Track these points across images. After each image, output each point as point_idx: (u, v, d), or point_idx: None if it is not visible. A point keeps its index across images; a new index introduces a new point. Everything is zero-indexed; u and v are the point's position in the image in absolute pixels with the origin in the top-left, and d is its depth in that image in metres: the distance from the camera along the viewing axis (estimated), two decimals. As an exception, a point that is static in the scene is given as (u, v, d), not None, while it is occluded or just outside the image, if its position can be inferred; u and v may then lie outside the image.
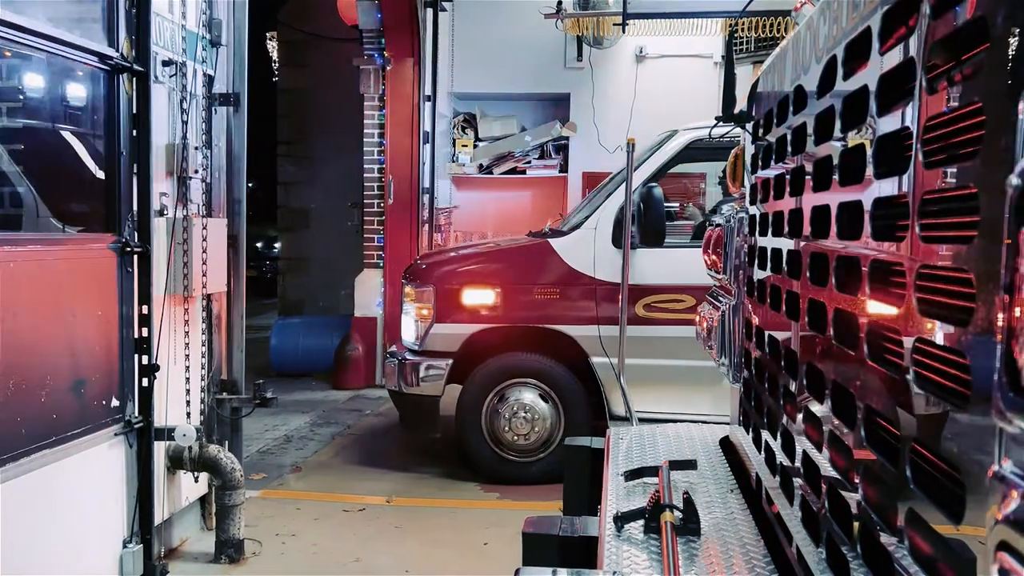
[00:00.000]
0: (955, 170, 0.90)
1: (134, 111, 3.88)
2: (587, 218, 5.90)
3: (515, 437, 5.83)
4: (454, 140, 10.56)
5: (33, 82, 4.72)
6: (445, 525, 5.15)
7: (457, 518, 5.27)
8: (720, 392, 5.61)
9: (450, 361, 5.81)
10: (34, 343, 3.31)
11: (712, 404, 5.46)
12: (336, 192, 11.46)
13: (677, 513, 1.85)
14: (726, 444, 2.62)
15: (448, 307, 5.79)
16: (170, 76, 4.35)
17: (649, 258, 5.70)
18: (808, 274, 1.42)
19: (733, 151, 2.40)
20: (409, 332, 5.99)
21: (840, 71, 1.25)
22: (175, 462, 4.40)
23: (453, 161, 10.46)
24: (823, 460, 1.36)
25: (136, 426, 3.92)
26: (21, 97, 4.68)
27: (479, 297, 5.86)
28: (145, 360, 3.96)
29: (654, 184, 5.61)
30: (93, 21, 3.84)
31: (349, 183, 10.44)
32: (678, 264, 5.64)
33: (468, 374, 5.91)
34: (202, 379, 4.72)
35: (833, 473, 1.29)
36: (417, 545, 4.83)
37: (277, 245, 15.30)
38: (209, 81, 4.75)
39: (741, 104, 2.33)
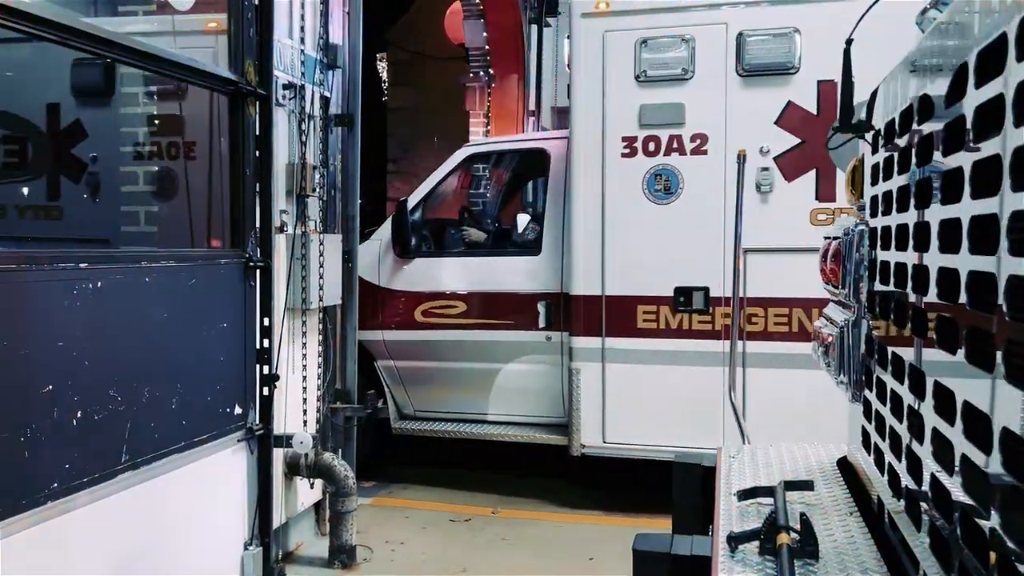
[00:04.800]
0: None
1: (257, 133, 4.09)
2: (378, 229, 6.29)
3: None
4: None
5: (165, 106, 5.05)
6: (550, 538, 5.15)
7: (561, 532, 5.27)
8: (495, 393, 5.89)
9: None
10: (166, 353, 3.52)
11: (484, 404, 5.97)
12: (443, 207, 11.67)
13: (794, 535, 1.80)
14: (843, 464, 2.53)
15: None
16: (289, 99, 4.55)
17: (426, 267, 6.07)
18: (937, 290, 1.37)
19: (852, 161, 2.33)
20: None
21: (972, 79, 1.20)
22: (292, 468, 4.58)
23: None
24: (954, 484, 1.30)
25: (257, 433, 4.11)
26: (156, 122, 5.01)
27: None
28: (266, 370, 4.14)
29: (404, 199, 6.02)
30: (220, 49, 4.07)
31: (455, 198, 10.61)
32: (453, 272, 6.03)
33: None
34: (318, 389, 4.90)
35: (966, 498, 1.23)
36: (522, 557, 4.85)
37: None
38: (325, 102, 4.95)
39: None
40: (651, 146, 5.33)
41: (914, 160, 1.59)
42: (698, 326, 5.28)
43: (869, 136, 2.14)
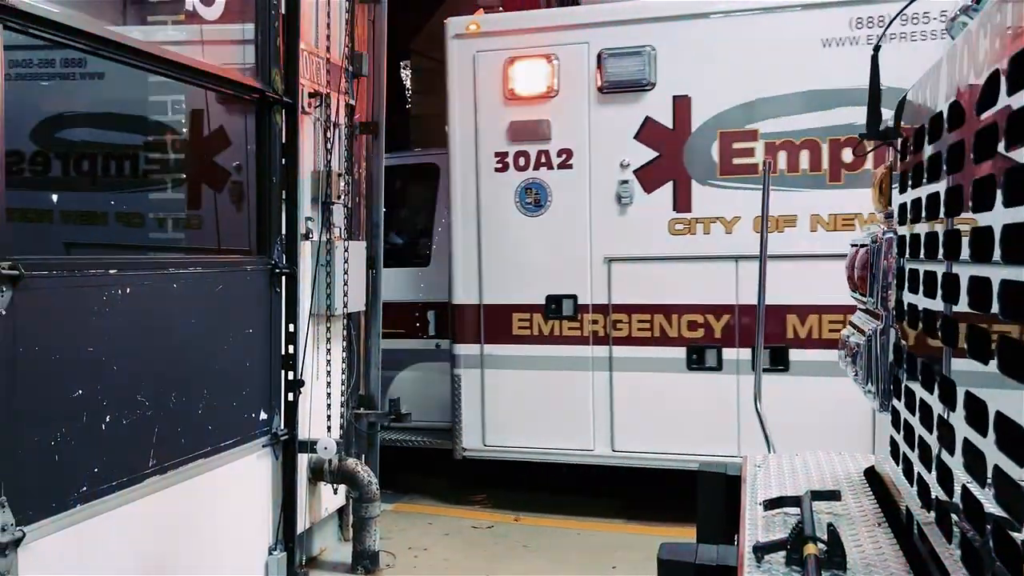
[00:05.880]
0: None
1: (283, 141, 4.13)
2: None
3: None
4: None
5: (191, 115, 5.11)
6: (572, 546, 5.13)
7: (584, 540, 5.25)
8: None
9: None
10: (194, 358, 3.56)
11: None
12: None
13: (821, 545, 1.78)
14: (871, 475, 2.50)
15: None
16: (315, 107, 4.59)
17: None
18: (968, 299, 1.35)
19: (880, 169, 2.31)
20: None
21: (1004, 86, 1.19)
22: (316, 474, 4.60)
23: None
24: (986, 495, 1.28)
25: (282, 438, 4.13)
26: (184, 131, 5.07)
27: None
28: (291, 375, 4.17)
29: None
30: (247, 58, 4.12)
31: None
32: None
33: None
34: (341, 394, 4.92)
35: (998, 510, 1.22)
36: (544, 564, 4.84)
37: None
38: (351, 111, 4.99)
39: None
40: (521, 161, 5.58)
41: (944, 167, 1.57)
42: (568, 332, 5.52)
43: (897, 143, 2.12)
